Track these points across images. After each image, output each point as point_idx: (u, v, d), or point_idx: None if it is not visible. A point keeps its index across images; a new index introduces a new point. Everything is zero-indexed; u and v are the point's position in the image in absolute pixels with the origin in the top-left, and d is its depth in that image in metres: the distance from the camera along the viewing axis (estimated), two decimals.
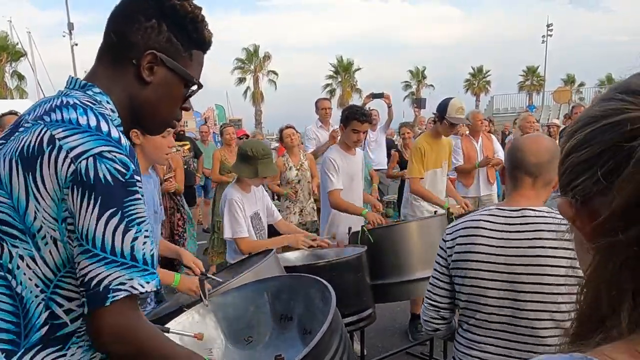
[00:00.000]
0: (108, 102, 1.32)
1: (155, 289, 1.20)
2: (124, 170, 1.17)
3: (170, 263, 4.67)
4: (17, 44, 36.78)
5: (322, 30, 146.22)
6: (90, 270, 1.14)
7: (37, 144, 1.17)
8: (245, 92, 54.02)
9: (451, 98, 4.89)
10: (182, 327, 2.28)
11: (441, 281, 2.12)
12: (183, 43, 1.37)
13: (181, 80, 1.41)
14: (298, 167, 6.01)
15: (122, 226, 1.15)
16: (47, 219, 1.18)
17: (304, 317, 2.11)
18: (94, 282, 1.13)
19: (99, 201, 1.14)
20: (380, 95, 7.42)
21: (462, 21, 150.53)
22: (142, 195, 1.23)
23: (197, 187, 9.30)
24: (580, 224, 0.69)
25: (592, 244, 0.66)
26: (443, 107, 4.82)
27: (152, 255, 1.22)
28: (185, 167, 7.32)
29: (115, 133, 1.21)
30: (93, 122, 1.20)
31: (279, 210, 6.02)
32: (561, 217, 1.90)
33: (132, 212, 1.18)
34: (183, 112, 1.50)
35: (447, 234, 2.12)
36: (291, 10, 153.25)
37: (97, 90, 1.32)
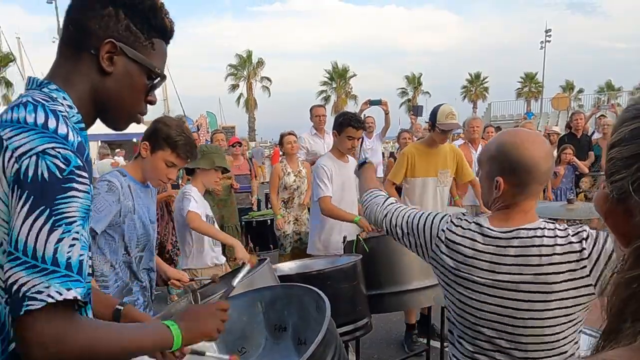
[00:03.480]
0: (65, 98, 1.29)
1: (78, 298, 1.10)
2: (63, 166, 1.12)
3: None
4: (8, 53, 36.36)
5: (316, 36, 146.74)
6: (11, 275, 1.08)
7: None
8: (239, 98, 54.13)
9: (441, 104, 4.84)
10: None
11: (418, 233, 2.07)
12: (143, 31, 1.35)
13: (143, 71, 1.37)
14: (296, 174, 5.96)
15: (47, 225, 1.09)
16: (2, 224, 1.15)
17: (299, 327, 2.08)
18: (14, 287, 1.07)
19: (30, 201, 1.09)
20: (377, 102, 7.38)
21: (459, 27, 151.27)
22: (87, 193, 1.16)
23: None
24: (613, 222, 0.66)
25: (623, 246, 0.64)
26: (433, 114, 4.78)
27: (80, 262, 1.13)
28: None
29: (63, 129, 1.17)
30: (41, 120, 1.17)
31: (275, 216, 6.06)
32: (554, 234, 1.80)
33: (63, 210, 1.11)
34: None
35: (448, 231, 1.96)
36: (284, 16, 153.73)
37: (53, 87, 1.29)
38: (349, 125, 4.33)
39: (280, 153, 7.18)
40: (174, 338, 1.35)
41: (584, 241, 1.71)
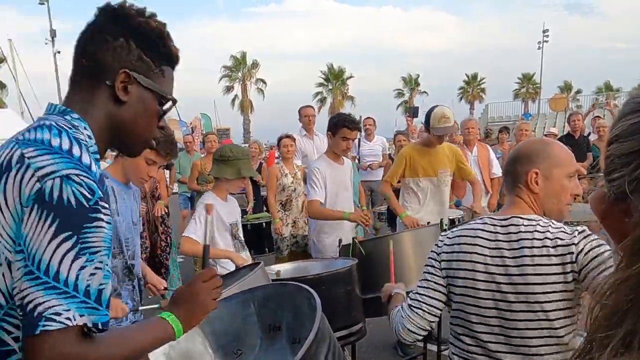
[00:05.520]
0: (85, 128, 1.33)
1: (89, 325, 1.12)
2: (89, 196, 1.15)
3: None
4: None
5: (312, 37, 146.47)
6: (29, 294, 1.09)
7: (6, 161, 1.17)
8: (233, 100, 53.94)
9: (435, 106, 4.79)
10: (168, 344, 2.22)
11: (436, 284, 2.08)
12: (153, 60, 1.40)
13: (155, 97, 1.43)
14: (293, 175, 5.94)
15: (72, 252, 1.11)
16: (5, 238, 1.15)
17: (293, 326, 2.08)
18: (30, 306, 1.08)
19: (56, 222, 1.11)
20: None
21: (457, 28, 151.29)
22: (109, 223, 1.20)
23: (182, 198, 9.28)
24: (609, 223, 0.64)
25: (619, 246, 0.60)
26: (427, 118, 4.74)
27: (99, 290, 1.16)
28: None
29: (86, 159, 1.22)
30: (66, 145, 1.20)
31: (273, 220, 6.01)
32: (549, 225, 1.87)
33: (88, 239, 1.14)
34: (169, 121, 1.47)
35: (442, 242, 2.08)
36: (279, 17, 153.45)
37: (75, 115, 1.33)
38: (343, 126, 4.28)
39: (277, 155, 7.16)
40: (174, 329, 1.37)
41: (576, 232, 1.82)
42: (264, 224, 6.20)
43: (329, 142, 4.52)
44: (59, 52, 31.97)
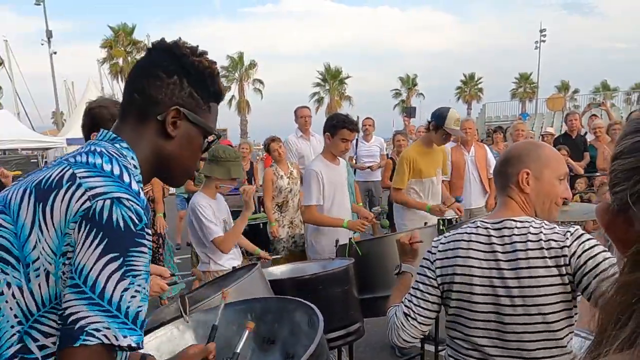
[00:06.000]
0: (133, 158, 1.37)
1: (133, 346, 1.16)
2: (137, 221, 1.19)
3: None
4: None
5: (308, 37, 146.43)
6: (72, 306, 1.12)
7: (56, 178, 1.21)
8: (230, 101, 53.82)
9: (449, 108, 4.88)
10: (160, 342, 2.22)
11: (430, 294, 2.05)
12: (203, 97, 1.45)
13: (202, 132, 1.49)
14: (288, 176, 5.91)
15: (118, 273, 1.15)
16: (46, 250, 1.18)
17: (288, 341, 2.07)
18: (71, 319, 1.12)
19: (104, 242, 1.15)
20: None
21: (456, 28, 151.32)
22: (149, 250, 1.24)
23: (179, 198, 9.29)
24: (613, 232, 0.69)
25: (623, 254, 0.66)
26: (441, 117, 4.77)
27: (137, 312, 1.19)
28: None
29: (135, 186, 1.26)
30: (117, 171, 1.25)
31: (270, 223, 6.01)
32: (542, 226, 1.89)
33: (133, 263, 1.17)
34: None
35: (436, 248, 2.06)
36: (276, 18, 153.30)
37: (125, 145, 1.37)
38: (343, 128, 4.24)
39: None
40: None
41: (568, 233, 1.81)
42: (261, 224, 6.20)
43: (327, 143, 4.49)
44: (55, 53, 31.88)
